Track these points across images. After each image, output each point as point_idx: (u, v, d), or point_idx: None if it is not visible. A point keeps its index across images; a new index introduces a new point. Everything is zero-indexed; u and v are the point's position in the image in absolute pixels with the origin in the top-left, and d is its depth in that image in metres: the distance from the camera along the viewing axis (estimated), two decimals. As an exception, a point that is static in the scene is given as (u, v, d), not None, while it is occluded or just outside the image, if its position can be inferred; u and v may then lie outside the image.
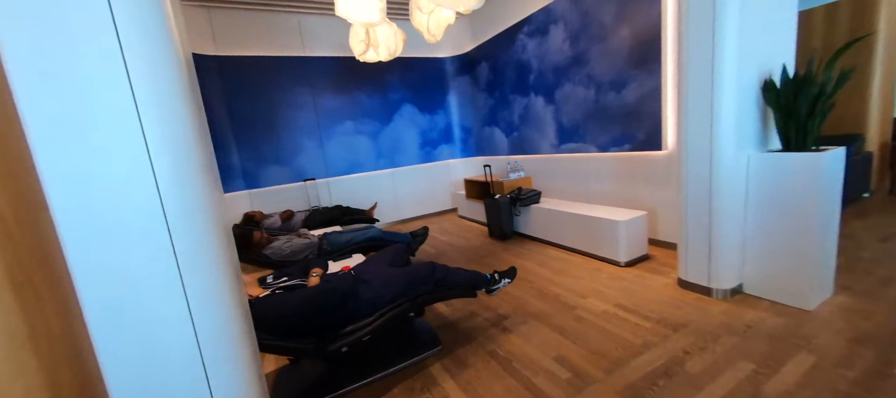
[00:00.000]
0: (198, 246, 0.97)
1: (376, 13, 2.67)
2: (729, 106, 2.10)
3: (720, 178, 2.18)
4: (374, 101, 5.29)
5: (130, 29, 0.87)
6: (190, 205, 0.97)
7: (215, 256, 1.02)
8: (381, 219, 5.55)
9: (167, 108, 0.93)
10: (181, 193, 0.95)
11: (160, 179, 0.92)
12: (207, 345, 1.00)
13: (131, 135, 0.89)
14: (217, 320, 1.02)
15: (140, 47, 0.88)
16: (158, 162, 0.91)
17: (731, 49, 2.04)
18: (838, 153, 2.02)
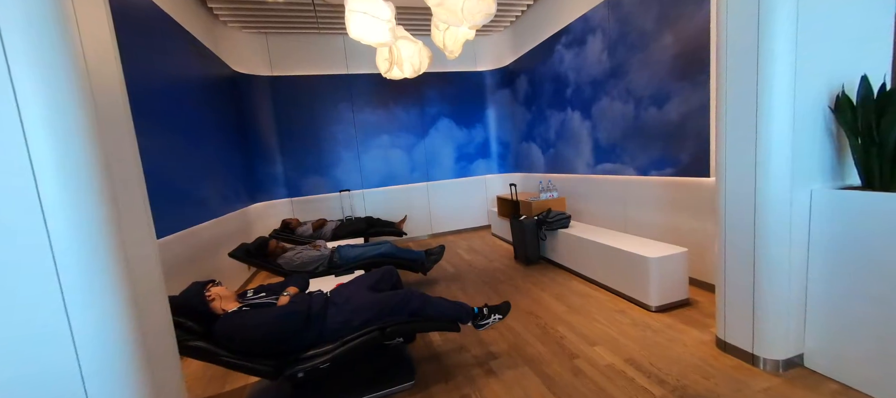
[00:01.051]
0: (87, 273, 0.95)
1: (386, 33, 2.68)
2: (780, 126, 1.66)
3: (766, 218, 1.73)
4: (411, 115, 5.38)
5: (16, 31, 0.84)
6: (79, 225, 0.93)
7: (108, 282, 0.98)
8: (414, 233, 5.58)
9: (60, 122, 0.90)
10: (71, 214, 0.92)
11: (45, 198, 0.89)
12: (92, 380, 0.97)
13: (12, 148, 0.86)
14: (105, 352, 0.98)
15: (28, 52, 0.86)
16: (43, 178, 0.89)
17: (784, 53, 1.62)
18: (950, 195, 1.46)
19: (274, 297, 1.90)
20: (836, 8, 1.65)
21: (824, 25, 1.64)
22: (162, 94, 2.73)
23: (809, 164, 1.71)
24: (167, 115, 2.76)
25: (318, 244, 3.29)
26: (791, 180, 1.68)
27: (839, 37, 1.68)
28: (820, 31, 1.64)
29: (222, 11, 4.10)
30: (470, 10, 2.31)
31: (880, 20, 1.75)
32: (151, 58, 2.66)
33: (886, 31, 1.77)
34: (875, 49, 1.77)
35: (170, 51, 2.94)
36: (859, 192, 1.58)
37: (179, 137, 2.91)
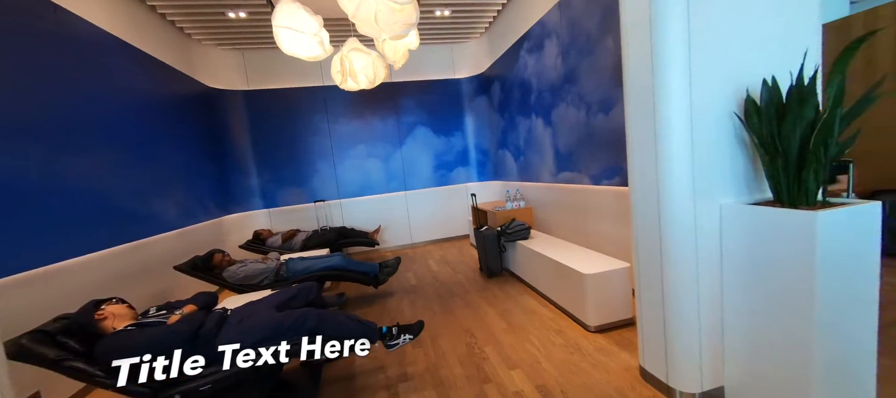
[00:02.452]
0: None
1: (316, 47, 2.68)
2: (678, 135, 1.51)
3: (671, 237, 1.57)
4: (387, 125, 5.37)
5: None
6: None
7: None
8: (393, 243, 5.55)
9: None
10: None
11: None
12: None
13: None
14: None
15: None
16: None
17: (677, 56, 1.47)
18: (863, 211, 1.27)
19: (170, 314, 1.90)
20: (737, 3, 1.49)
21: (724, 23, 1.48)
22: (107, 114, 2.83)
23: (719, 176, 1.54)
24: (112, 133, 2.86)
25: (267, 256, 3.31)
26: (693, 195, 1.52)
27: (748, 35, 1.51)
28: (720, 29, 1.48)
29: (195, 31, 4.25)
30: (385, 20, 2.26)
31: (803, 14, 1.57)
32: (95, 80, 2.76)
33: (812, 27, 1.58)
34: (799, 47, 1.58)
35: (119, 72, 3.06)
36: (764, 207, 1.41)
37: (127, 154, 3.00)
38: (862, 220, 1.28)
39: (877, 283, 1.32)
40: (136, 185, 3.06)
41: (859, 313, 1.32)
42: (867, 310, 1.33)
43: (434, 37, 5.16)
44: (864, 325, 1.33)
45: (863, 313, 1.32)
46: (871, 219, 1.29)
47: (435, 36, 5.14)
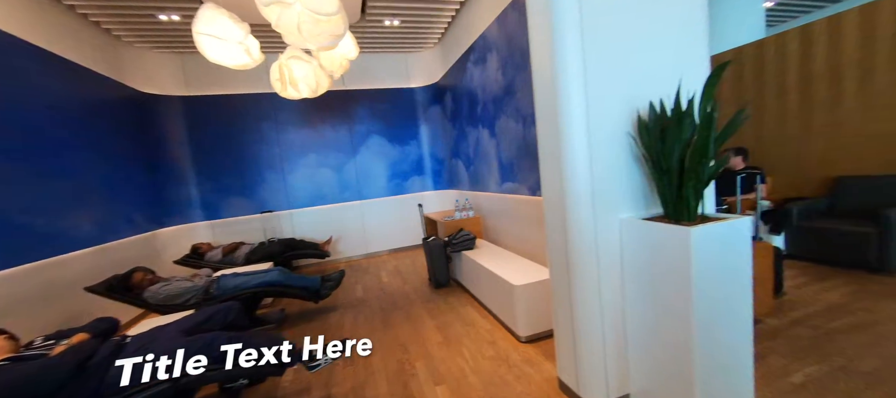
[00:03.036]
0: None
1: (242, 55, 2.58)
2: (579, 151, 1.56)
3: (575, 250, 1.62)
4: (339, 133, 5.27)
5: None
6: None
7: None
8: (348, 253, 5.43)
9: None
10: None
11: None
12: None
13: None
14: None
15: None
16: None
17: (575, 75, 1.53)
18: (734, 225, 1.36)
19: (58, 344, 1.73)
20: (631, 28, 1.57)
21: (616, 52, 1.55)
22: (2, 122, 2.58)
23: (618, 192, 1.61)
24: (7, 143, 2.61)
25: (196, 274, 3.12)
26: (593, 209, 1.58)
27: (641, 64, 1.60)
28: (612, 58, 1.55)
29: (124, 33, 3.99)
30: (310, 31, 2.21)
31: (692, 47, 1.68)
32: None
33: (700, 57, 1.70)
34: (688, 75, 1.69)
35: (21, 76, 2.81)
36: (653, 222, 1.48)
37: (30, 165, 2.75)
38: (733, 234, 1.37)
39: (749, 292, 1.42)
40: (40, 198, 2.80)
41: (734, 319, 1.41)
42: (742, 317, 1.42)
43: (387, 46, 5.14)
44: (739, 331, 1.43)
45: (738, 319, 1.42)
46: (741, 233, 1.39)
47: (388, 45, 5.11)
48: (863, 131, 3.23)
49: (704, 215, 1.47)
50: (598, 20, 1.52)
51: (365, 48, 5.14)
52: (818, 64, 3.45)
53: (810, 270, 3.11)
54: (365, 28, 4.49)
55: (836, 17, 3.30)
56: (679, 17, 1.62)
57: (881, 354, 1.89)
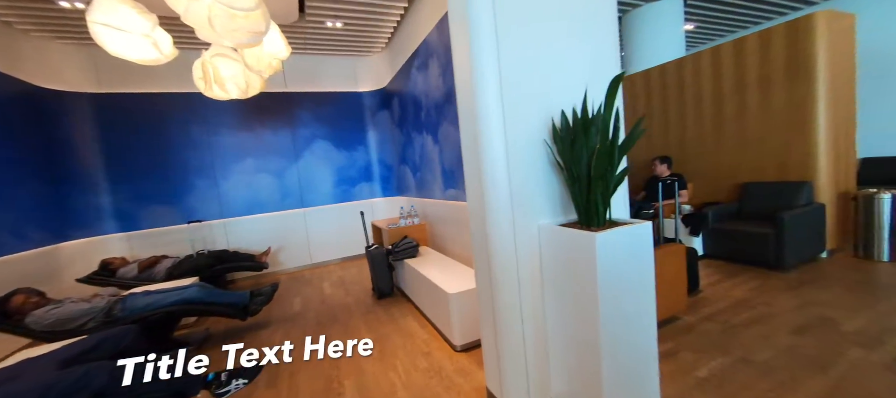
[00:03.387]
0: None
1: (149, 49, 2.34)
2: (498, 158, 1.56)
3: (495, 255, 1.61)
4: (280, 137, 4.99)
5: None
6: None
7: None
8: (291, 264, 5.12)
9: None
10: None
11: None
12: None
13: None
14: None
15: None
16: None
17: (491, 81, 1.53)
18: (637, 230, 1.42)
19: None
20: (544, 38, 1.60)
21: (532, 54, 1.58)
22: None
23: (536, 198, 1.63)
24: None
25: (97, 293, 2.76)
26: (512, 216, 1.58)
27: (557, 67, 1.64)
28: (529, 60, 1.58)
29: (16, 19, 3.48)
30: (224, 26, 2.05)
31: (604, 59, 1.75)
32: None
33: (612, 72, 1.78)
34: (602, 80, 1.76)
35: None
36: (566, 228, 1.51)
37: None
38: (636, 238, 1.43)
39: (653, 293, 1.48)
40: None
41: (640, 320, 1.47)
42: (646, 318, 1.48)
43: (332, 48, 4.97)
44: (644, 331, 1.48)
45: (642, 320, 1.47)
46: (644, 237, 1.45)
47: (333, 47, 4.95)
48: (762, 142, 3.62)
49: (613, 220, 1.52)
50: (512, 29, 1.53)
51: (309, 50, 4.94)
52: (726, 81, 3.83)
53: (723, 268, 3.40)
54: (306, 29, 4.31)
55: (741, 40, 3.69)
56: (591, 29, 1.69)
57: (774, 345, 2.08)
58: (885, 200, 3.08)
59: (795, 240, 3.10)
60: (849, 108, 3.46)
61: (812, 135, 3.28)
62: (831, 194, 3.36)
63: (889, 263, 3.09)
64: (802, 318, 2.34)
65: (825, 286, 2.79)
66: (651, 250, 1.46)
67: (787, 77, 3.36)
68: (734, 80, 3.76)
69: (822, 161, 3.29)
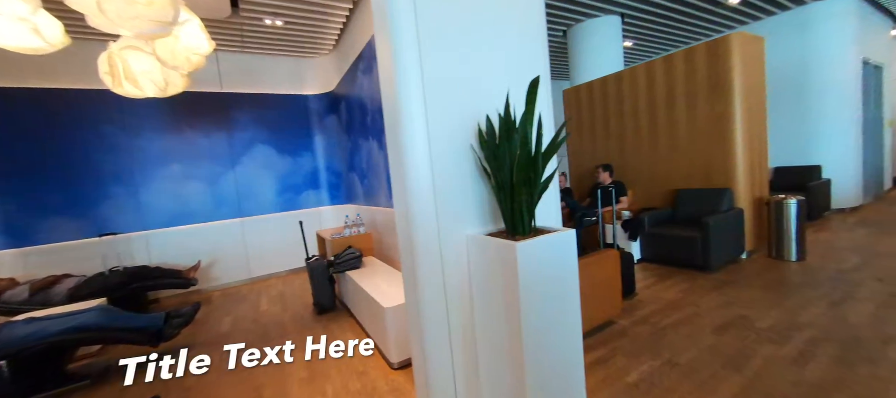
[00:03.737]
0: None
1: (30, 37, 2.01)
2: (422, 160, 1.47)
3: (421, 266, 1.52)
4: (213, 141, 4.59)
5: None
6: None
7: None
8: (224, 279, 4.70)
9: None
10: None
11: None
12: None
13: None
14: None
15: None
16: None
17: (414, 86, 1.45)
18: (558, 239, 1.39)
19: None
20: (469, 39, 1.55)
21: (456, 56, 1.52)
22: None
23: (464, 205, 1.56)
24: None
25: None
26: (437, 226, 1.50)
27: (484, 70, 1.59)
28: (453, 62, 1.52)
29: None
30: (119, 13, 1.80)
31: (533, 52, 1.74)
32: None
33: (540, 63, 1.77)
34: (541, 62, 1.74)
35: None
36: (490, 237, 1.45)
37: None
38: (559, 246, 1.40)
39: (577, 302, 1.46)
40: None
41: (564, 330, 1.43)
42: (571, 327, 1.45)
43: (276, 48, 4.69)
44: (569, 341, 1.45)
45: (567, 330, 1.44)
46: (567, 245, 1.42)
47: (276, 47, 4.67)
48: (690, 152, 3.88)
49: (539, 229, 1.49)
50: (435, 30, 1.47)
51: (248, 48, 4.63)
52: (659, 95, 4.07)
53: (658, 271, 3.56)
54: (242, 25, 4.02)
55: (670, 57, 3.95)
56: (518, 32, 1.66)
57: (697, 345, 2.16)
58: (791, 205, 3.40)
59: (719, 243, 3.33)
60: (761, 122, 3.81)
61: (731, 146, 3.56)
62: (748, 200, 3.66)
63: (797, 262, 3.40)
64: (723, 318, 2.47)
65: (744, 285, 3.00)
66: (575, 259, 1.44)
67: (710, 93, 3.63)
68: (665, 94, 4.02)
69: (740, 170, 3.57)
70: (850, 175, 5.21)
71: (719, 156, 3.65)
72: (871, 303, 2.48)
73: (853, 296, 2.61)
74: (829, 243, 3.88)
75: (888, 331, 2.11)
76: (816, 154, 5.28)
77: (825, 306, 2.49)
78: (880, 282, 2.79)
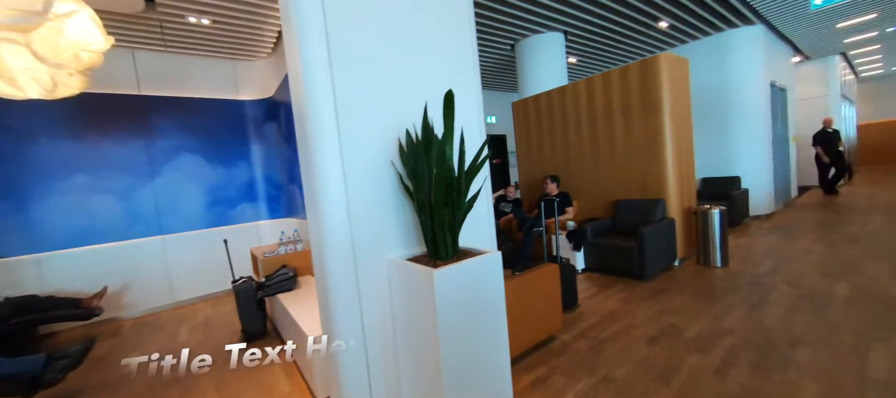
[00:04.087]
0: None
1: None
2: (334, 177, 1.32)
3: (334, 293, 1.35)
4: (128, 149, 4.07)
5: None
6: None
7: None
8: (141, 306, 4.15)
9: None
10: None
11: None
12: None
13: None
14: None
15: None
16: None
17: (326, 106, 1.30)
18: (479, 265, 1.30)
19: None
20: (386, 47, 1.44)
21: (371, 64, 1.40)
22: None
23: (385, 227, 1.43)
24: None
25: None
26: (352, 247, 1.35)
27: (409, 79, 1.48)
28: (369, 72, 1.39)
29: None
30: (-38, -4, 1.48)
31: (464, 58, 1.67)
32: None
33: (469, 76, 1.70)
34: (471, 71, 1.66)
35: None
36: (409, 262, 1.33)
37: None
38: (485, 271, 1.31)
39: (504, 330, 1.37)
40: None
41: (490, 359, 1.34)
42: (497, 355, 1.36)
43: (205, 49, 4.29)
44: (496, 369, 1.36)
45: (493, 359, 1.35)
46: (493, 269, 1.34)
47: (207, 48, 4.28)
48: (627, 164, 4.06)
49: (466, 251, 1.39)
50: (347, 36, 1.34)
51: (171, 48, 4.19)
52: (598, 110, 4.24)
53: (600, 281, 3.65)
54: (161, 22, 3.62)
55: (607, 74, 4.13)
56: (444, 42, 1.58)
57: (632, 359, 2.18)
58: (715, 215, 3.65)
59: (654, 252, 3.48)
60: (688, 137, 4.09)
61: (663, 159, 3.77)
62: (679, 210, 3.88)
63: (721, 269, 3.64)
64: (656, 327, 2.54)
65: (676, 293, 3.14)
66: (501, 282, 1.36)
67: (643, 109, 3.84)
68: (604, 109, 4.19)
69: (670, 181, 3.79)
70: (764, 185, 5.79)
71: (653, 168, 3.85)
72: (781, 305, 2.68)
73: (767, 299, 2.81)
74: (749, 248, 4.23)
75: (795, 333, 2.26)
76: (737, 166, 5.81)
77: (744, 311, 2.65)
78: (789, 285, 3.04)
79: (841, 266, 3.34)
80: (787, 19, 5.46)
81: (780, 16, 5.28)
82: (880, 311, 2.44)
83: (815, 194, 7.54)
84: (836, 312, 2.49)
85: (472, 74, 1.69)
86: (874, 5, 5.22)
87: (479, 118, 1.69)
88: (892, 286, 2.81)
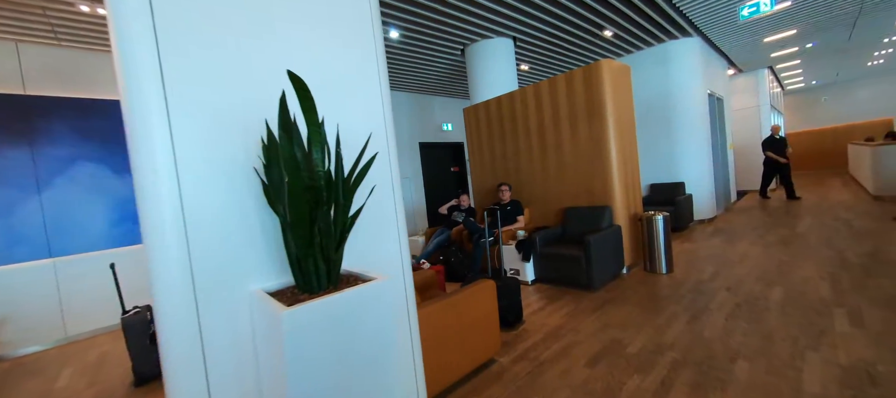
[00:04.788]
0: None
1: None
2: (164, 178, 1.00)
3: (168, 341, 1.02)
4: (8, 161, 3.43)
5: None
6: None
7: None
8: (28, 344, 3.47)
9: None
10: None
11: None
12: None
13: None
14: None
15: None
16: None
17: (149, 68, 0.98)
18: (354, 297, 1.02)
19: None
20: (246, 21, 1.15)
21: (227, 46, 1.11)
22: None
23: (250, 248, 1.12)
24: None
25: None
26: (191, 275, 1.03)
27: (265, 65, 1.20)
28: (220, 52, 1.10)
29: None
30: None
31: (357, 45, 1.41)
32: None
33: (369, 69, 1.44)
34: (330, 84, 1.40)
35: None
36: (266, 296, 1.03)
37: None
38: (365, 305, 1.03)
39: (402, 367, 1.10)
40: None
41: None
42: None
43: (107, 44, 3.74)
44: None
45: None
46: (381, 300, 1.07)
47: (108, 42, 3.73)
48: (575, 171, 3.98)
49: (356, 276, 1.11)
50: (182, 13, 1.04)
51: (65, 42, 3.62)
52: (546, 116, 4.16)
53: (549, 292, 3.49)
54: (46, 9, 3.09)
55: (554, 79, 4.06)
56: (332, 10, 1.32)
57: (571, 383, 1.99)
58: (659, 221, 3.62)
59: (601, 261, 3.37)
60: (632, 144, 4.08)
61: (608, 165, 3.71)
62: (625, 217, 3.84)
63: (667, 275, 3.61)
64: (599, 343, 2.38)
65: (621, 303, 3.03)
66: (394, 316, 1.09)
67: (588, 115, 3.78)
68: (551, 115, 4.11)
69: (616, 187, 3.74)
70: (706, 190, 6.00)
71: (599, 174, 3.79)
72: (721, 313, 2.62)
73: (708, 307, 2.75)
74: (693, 253, 4.27)
75: (733, 346, 2.18)
76: (681, 172, 5.99)
77: (686, 321, 2.56)
78: (728, 291, 3.02)
79: (775, 269, 3.40)
80: (720, 32, 5.75)
81: (713, 28, 5.54)
82: (812, 316, 2.43)
83: (752, 197, 8.00)
84: (772, 318, 2.46)
85: (373, 61, 1.43)
86: (794, 22, 5.62)
87: (384, 113, 1.43)
88: (820, 287, 2.86)
